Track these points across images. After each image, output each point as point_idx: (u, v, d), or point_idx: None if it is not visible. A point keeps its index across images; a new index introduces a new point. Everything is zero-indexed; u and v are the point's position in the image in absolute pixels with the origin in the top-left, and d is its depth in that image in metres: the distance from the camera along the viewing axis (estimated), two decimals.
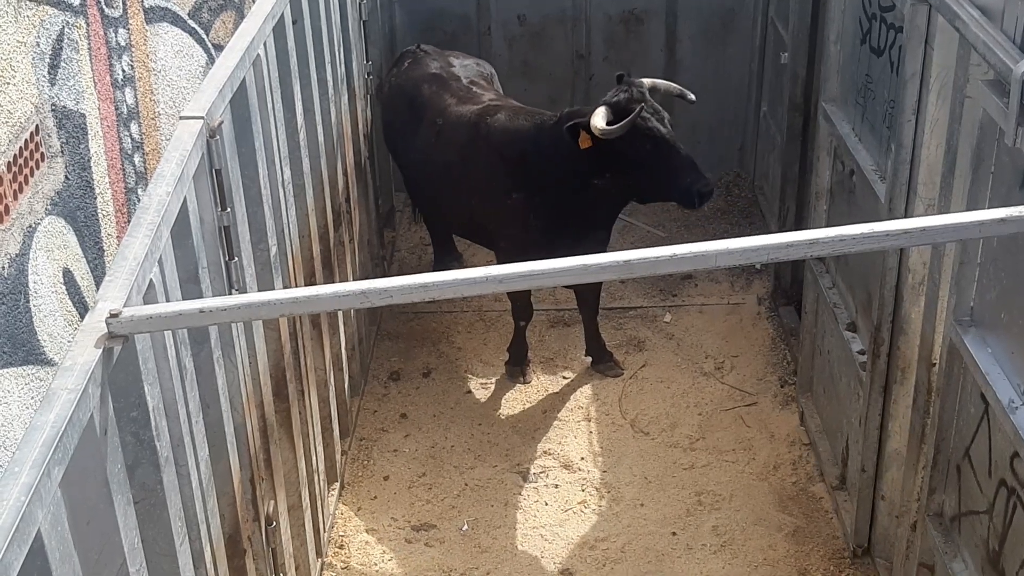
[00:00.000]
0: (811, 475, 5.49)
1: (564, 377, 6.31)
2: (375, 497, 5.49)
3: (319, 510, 4.90)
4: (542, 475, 5.61)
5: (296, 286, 4.41)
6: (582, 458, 5.70)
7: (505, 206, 5.79)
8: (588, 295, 6.22)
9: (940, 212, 3.97)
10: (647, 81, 5.54)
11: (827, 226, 5.29)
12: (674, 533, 5.21)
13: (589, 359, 6.37)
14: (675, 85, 5.74)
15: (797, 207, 6.44)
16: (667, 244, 2.55)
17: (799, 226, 6.24)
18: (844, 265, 5.17)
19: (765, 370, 6.27)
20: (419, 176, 6.34)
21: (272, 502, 3.96)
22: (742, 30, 7.61)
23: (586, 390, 6.19)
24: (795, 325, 6.27)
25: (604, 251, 5.87)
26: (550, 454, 5.73)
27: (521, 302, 6.17)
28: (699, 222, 7.61)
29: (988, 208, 3.48)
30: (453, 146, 5.97)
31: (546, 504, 5.43)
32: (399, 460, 5.73)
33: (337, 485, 5.42)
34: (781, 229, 6.54)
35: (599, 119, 5.28)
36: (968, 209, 3.66)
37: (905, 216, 4.27)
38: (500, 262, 6.08)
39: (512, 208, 5.77)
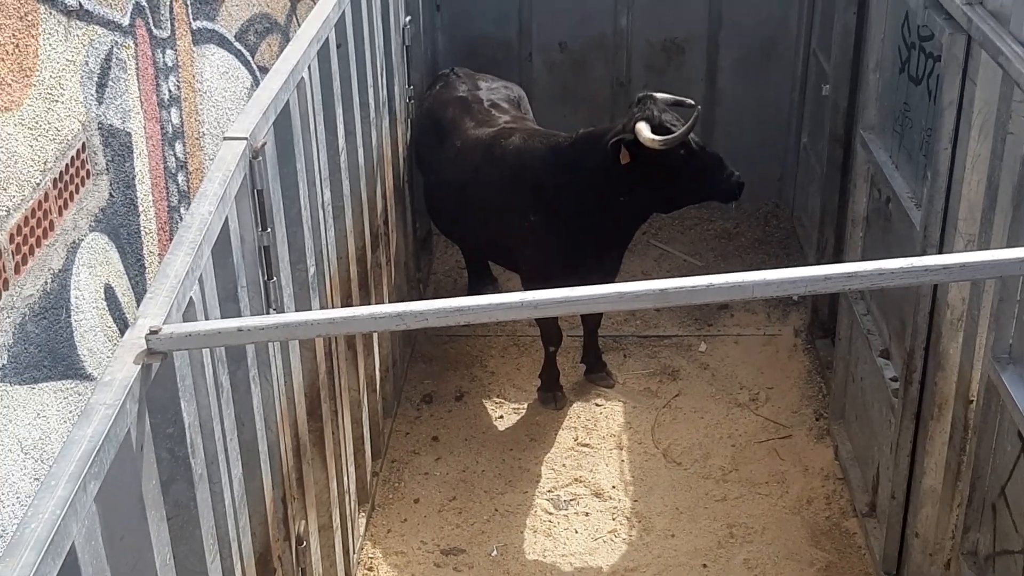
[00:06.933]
0: (844, 510, 5.43)
1: (597, 404, 6.29)
2: (405, 520, 5.49)
3: (349, 531, 4.91)
4: (572, 503, 5.59)
5: (333, 307, 4.44)
6: (613, 487, 5.68)
7: (523, 229, 5.83)
8: None
9: (980, 248, 3.94)
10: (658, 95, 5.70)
11: (863, 253, 5.30)
12: (705, 565, 5.17)
13: (583, 367, 6.44)
14: (670, 96, 5.82)
15: (836, 239, 6.41)
16: (703, 273, 2.55)
17: (838, 258, 6.21)
18: (878, 292, 5.14)
19: (800, 403, 6.23)
20: (440, 198, 6.39)
21: (303, 522, 3.97)
22: (784, 60, 7.60)
23: (618, 418, 6.17)
24: (832, 358, 6.23)
25: (619, 265, 5.99)
26: (581, 482, 5.72)
27: (550, 327, 6.18)
28: (736, 252, 7.59)
29: None
30: (468, 168, 6.02)
31: (576, 532, 5.41)
32: (430, 483, 5.73)
33: (368, 506, 5.43)
34: (819, 261, 6.51)
35: (648, 131, 5.34)
36: (1009, 246, 3.63)
37: (940, 244, 4.26)
38: (524, 284, 6.13)
39: (531, 231, 5.81)
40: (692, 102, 5.88)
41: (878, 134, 5.19)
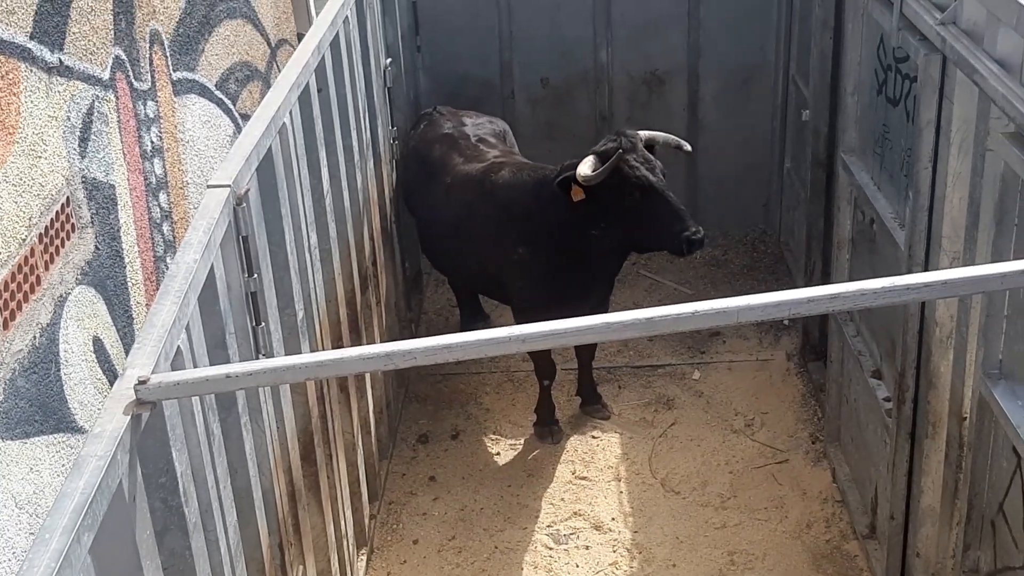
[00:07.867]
0: (845, 532, 5.42)
1: (593, 436, 6.29)
2: (404, 562, 5.46)
3: (348, 575, 4.88)
4: (572, 536, 5.57)
5: (323, 350, 4.44)
6: (613, 519, 5.66)
7: (513, 261, 5.86)
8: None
9: (965, 265, 3.96)
10: (644, 133, 5.65)
11: (850, 275, 5.32)
12: None
13: (579, 400, 6.46)
14: (672, 136, 5.82)
15: (823, 262, 6.44)
16: (692, 301, 2.56)
17: (825, 281, 6.23)
18: (867, 313, 5.16)
19: (796, 427, 6.23)
20: (433, 235, 6.42)
21: (301, 567, 3.95)
22: (764, 88, 7.66)
23: (615, 449, 6.16)
24: (824, 380, 6.23)
25: (609, 296, 5.96)
26: (580, 515, 5.70)
27: (543, 361, 6.19)
28: (725, 279, 7.61)
29: (1012, 260, 3.47)
30: (461, 203, 6.05)
31: (577, 566, 5.38)
32: (428, 524, 5.71)
33: (366, 550, 5.40)
34: (808, 285, 6.53)
35: (585, 167, 5.39)
36: (993, 261, 3.65)
37: (925, 263, 4.28)
38: (515, 316, 6.14)
39: (520, 263, 5.83)
40: (689, 147, 5.85)
41: (859, 156, 5.22)
